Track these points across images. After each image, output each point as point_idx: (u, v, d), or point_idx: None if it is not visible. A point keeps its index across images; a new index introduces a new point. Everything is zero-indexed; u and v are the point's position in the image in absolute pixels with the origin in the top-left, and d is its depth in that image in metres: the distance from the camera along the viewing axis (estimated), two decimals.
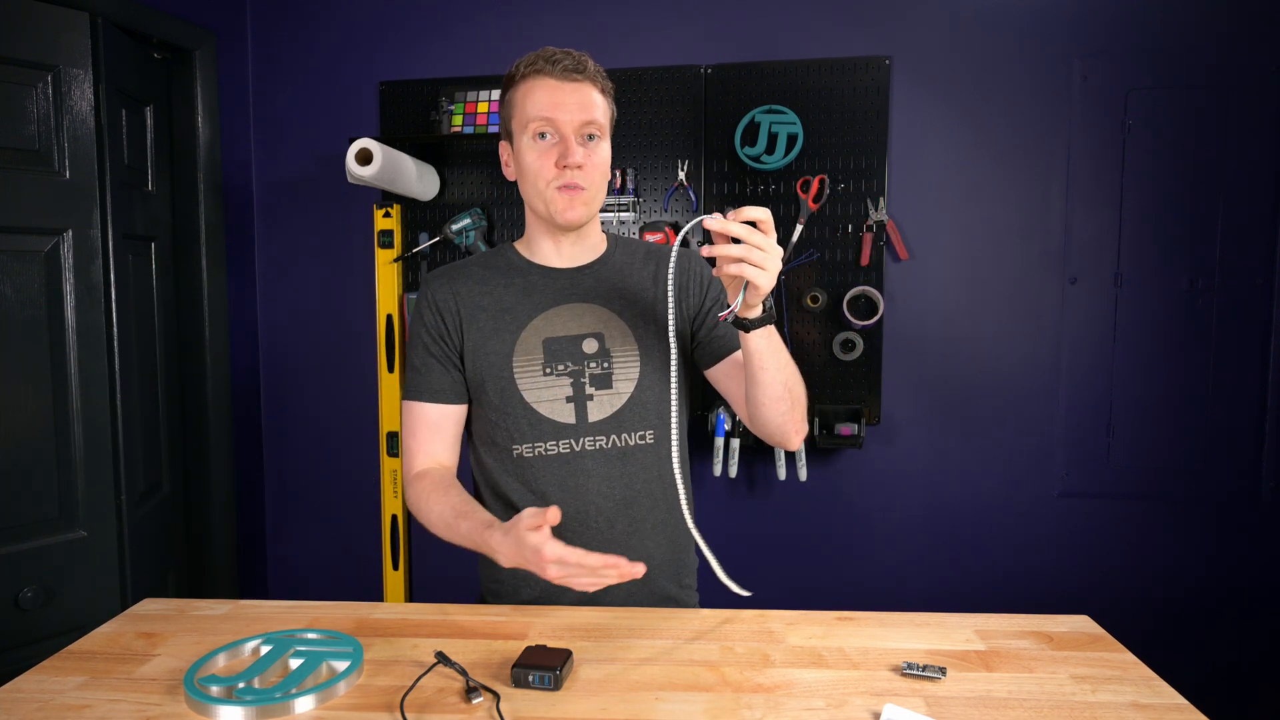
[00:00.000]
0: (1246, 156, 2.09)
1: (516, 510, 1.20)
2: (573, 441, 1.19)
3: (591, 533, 1.19)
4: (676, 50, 2.25)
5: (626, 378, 1.20)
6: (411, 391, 1.24)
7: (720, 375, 1.25)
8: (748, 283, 0.98)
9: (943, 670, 0.94)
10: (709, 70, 2.23)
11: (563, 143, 1.14)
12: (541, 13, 2.30)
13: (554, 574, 0.96)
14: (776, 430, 1.17)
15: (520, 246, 1.28)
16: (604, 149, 1.18)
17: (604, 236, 1.30)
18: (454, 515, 1.12)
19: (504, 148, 1.23)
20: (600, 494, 1.19)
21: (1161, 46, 2.10)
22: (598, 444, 1.19)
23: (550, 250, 1.25)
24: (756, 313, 1.05)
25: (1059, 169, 2.16)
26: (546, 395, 1.19)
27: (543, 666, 0.91)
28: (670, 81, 2.25)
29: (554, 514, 0.97)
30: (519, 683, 0.91)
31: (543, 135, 1.14)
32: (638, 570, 0.95)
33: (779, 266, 0.99)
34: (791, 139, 2.17)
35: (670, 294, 1.03)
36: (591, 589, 0.98)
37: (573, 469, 1.19)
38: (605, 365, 1.20)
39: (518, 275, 1.25)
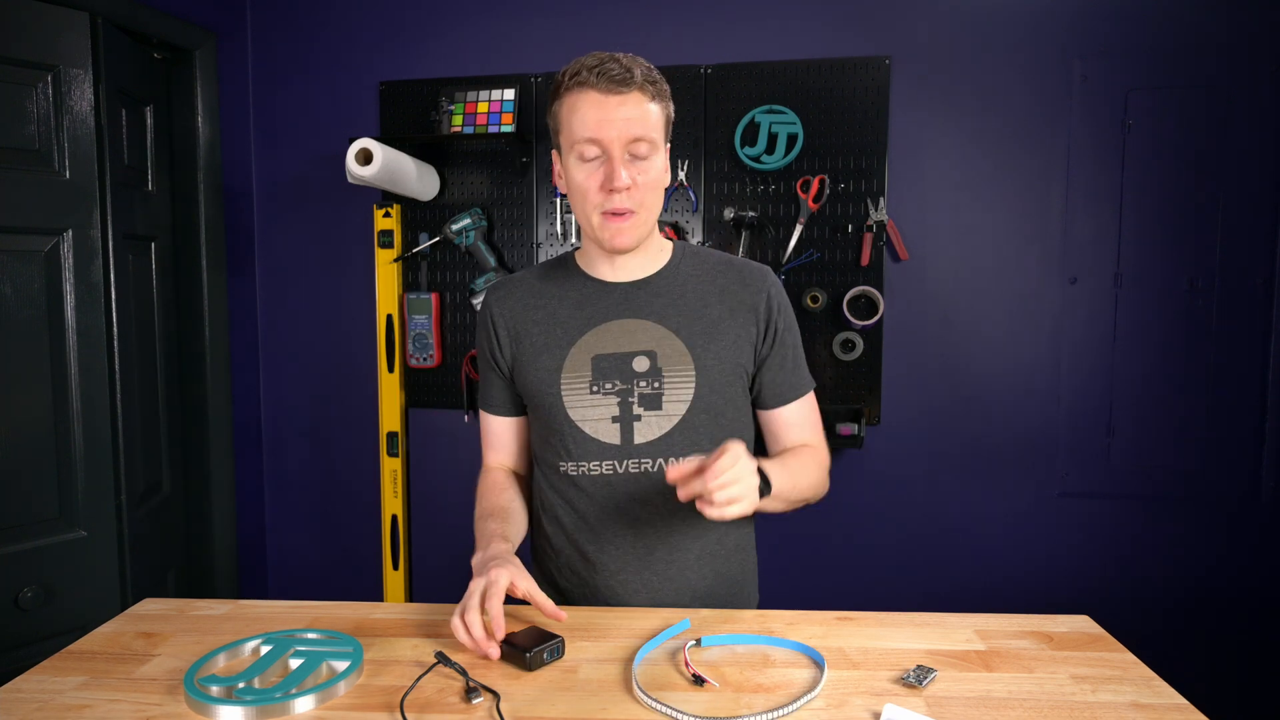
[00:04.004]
0: (1246, 156, 2.08)
1: (562, 526, 1.21)
2: (616, 463, 1.16)
3: (629, 557, 1.17)
4: (676, 50, 2.25)
5: (678, 399, 1.15)
6: (479, 399, 1.30)
7: (762, 419, 1.27)
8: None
9: (933, 670, 0.94)
10: (709, 70, 2.23)
11: (608, 164, 1.08)
12: (541, 13, 2.30)
13: (454, 622, 0.96)
14: None
15: (579, 257, 1.24)
16: (655, 165, 1.11)
17: (668, 246, 1.23)
18: (482, 515, 1.17)
19: (555, 157, 1.18)
20: (640, 519, 1.16)
21: (1161, 46, 2.10)
22: (642, 467, 1.15)
23: (605, 265, 1.20)
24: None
25: (1059, 169, 2.16)
26: (592, 414, 1.15)
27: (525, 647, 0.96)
28: (670, 81, 2.23)
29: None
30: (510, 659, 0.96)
31: (589, 154, 1.09)
32: (492, 653, 0.95)
33: (746, 483, 0.97)
34: (791, 139, 2.17)
35: None
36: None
37: (615, 491, 1.16)
38: (656, 385, 1.15)
39: (574, 288, 1.21)
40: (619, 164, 1.08)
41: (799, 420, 1.24)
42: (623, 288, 1.20)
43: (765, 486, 1.04)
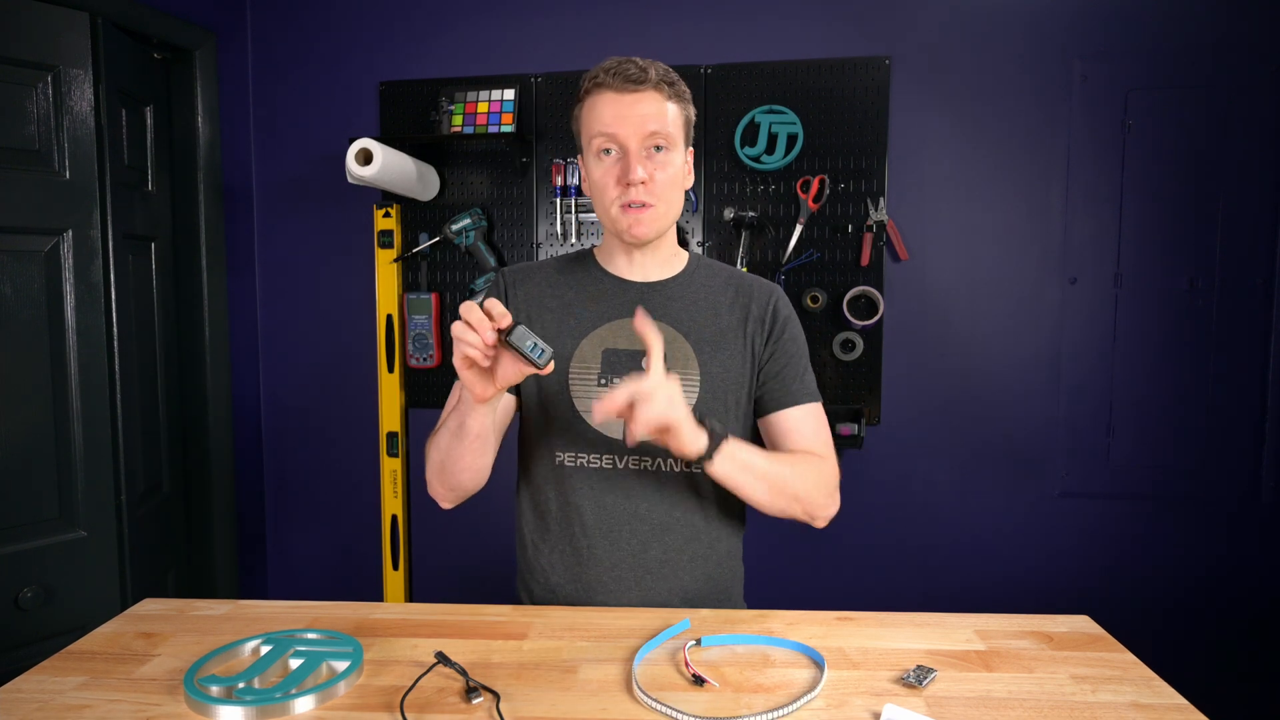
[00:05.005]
0: (1246, 156, 2.08)
1: (556, 519, 1.20)
2: (615, 458, 1.17)
3: (622, 553, 1.18)
4: (676, 50, 2.24)
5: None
6: None
7: (763, 426, 1.25)
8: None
9: (933, 670, 0.94)
10: (709, 70, 2.23)
11: (625, 159, 1.11)
12: (541, 13, 2.30)
13: (456, 325, 0.94)
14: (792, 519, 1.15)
15: (599, 254, 1.26)
16: (673, 159, 1.13)
17: (683, 254, 1.26)
18: (451, 423, 1.11)
19: (580, 162, 1.20)
20: (636, 515, 1.17)
21: (1161, 46, 2.10)
22: (640, 464, 1.17)
23: (624, 263, 1.22)
24: (698, 447, 1.02)
25: (1059, 169, 2.16)
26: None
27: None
28: None
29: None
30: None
31: (607, 151, 1.12)
32: (489, 337, 0.92)
33: (665, 401, 0.97)
34: (791, 139, 2.17)
35: None
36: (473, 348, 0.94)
37: (611, 485, 1.17)
38: None
39: (591, 283, 1.22)
40: (635, 159, 1.10)
41: (798, 426, 1.21)
42: (639, 287, 1.21)
43: (716, 443, 1.04)
